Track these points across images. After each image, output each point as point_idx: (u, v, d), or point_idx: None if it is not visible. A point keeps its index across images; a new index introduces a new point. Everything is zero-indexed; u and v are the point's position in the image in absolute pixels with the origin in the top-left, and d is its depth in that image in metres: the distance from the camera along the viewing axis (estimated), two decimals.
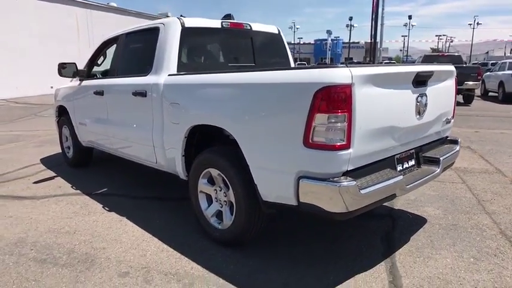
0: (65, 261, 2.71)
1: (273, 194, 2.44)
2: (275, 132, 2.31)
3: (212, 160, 2.82)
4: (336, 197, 2.12)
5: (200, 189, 3.01)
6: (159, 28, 3.44)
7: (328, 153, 2.11)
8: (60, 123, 5.45)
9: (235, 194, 2.64)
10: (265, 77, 2.38)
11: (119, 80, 3.87)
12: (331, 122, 2.07)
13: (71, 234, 3.18)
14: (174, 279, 2.46)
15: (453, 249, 2.81)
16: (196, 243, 2.94)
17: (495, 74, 14.85)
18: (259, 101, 2.38)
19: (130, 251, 2.86)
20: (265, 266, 2.60)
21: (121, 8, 22.95)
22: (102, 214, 3.59)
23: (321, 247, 2.89)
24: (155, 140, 3.36)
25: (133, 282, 2.44)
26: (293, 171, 2.24)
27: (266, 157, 2.39)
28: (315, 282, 2.40)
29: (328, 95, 2.05)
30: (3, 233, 3.22)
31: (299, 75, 2.22)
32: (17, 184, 4.60)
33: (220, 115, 2.63)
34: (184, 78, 3.08)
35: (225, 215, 2.84)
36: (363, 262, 2.65)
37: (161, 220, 3.42)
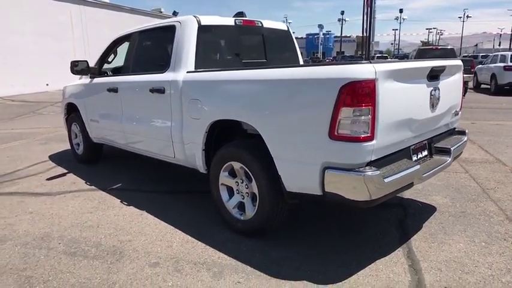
0: (94, 254, 2.81)
1: (297, 185, 2.56)
2: (300, 126, 2.43)
3: (235, 154, 2.93)
4: (361, 186, 2.25)
5: (221, 181, 3.11)
6: (175, 26, 3.52)
7: (353, 145, 2.24)
8: (70, 120, 5.50)
9: (259, 185, 2.76)
10: (292, 73, 2.48)
11: (134, 77, 3.95)
12: (356, 115, 2.19)
13: (95, 228, 3.27)
14: (204, 268, 2.57)
15: (464, 234, 2.96)
16: (218, 234, 3.05)
17: (487, 66, 15.11)
18: (285, 96, 2.49)
19: (156, 242, 2.96)
20: (290, 254, 2.72)
21: (114, 4, 22.78)
22: (122, 208, 3.68)
23: (339, 235, 3.02)
24: (174, 135, 3.46)
25: (164, 271, 2.55)
26: (318, 162, 2.36)
27: (291, 149, 2.51)
28: (340, 269, 2.52)
29: (353, 89, 2.16)
30: (28, 228, 3.30)
31: (325, 71, 2.33)
32: (31, 181, 4.66)
33: (245, 110, 2.74)
34: (206, 75, 3.17)
35: (247, 206, 2.95)
36: (382, 248, 2.79)
37: (179, 213, 3.52)
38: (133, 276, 2.50)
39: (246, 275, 2.47)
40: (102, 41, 22.95)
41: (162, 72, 3.53)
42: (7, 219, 3.51)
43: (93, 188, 4.34)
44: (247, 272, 2.51)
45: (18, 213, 3.64)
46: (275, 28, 4.17)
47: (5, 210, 3.73)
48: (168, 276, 2.49)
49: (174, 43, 3.48)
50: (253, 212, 2.88)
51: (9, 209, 3.75)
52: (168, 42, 3.63)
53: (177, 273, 2.53)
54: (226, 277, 2.46)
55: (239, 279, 2.43)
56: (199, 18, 3.48)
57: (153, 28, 3.93)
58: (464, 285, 2.32)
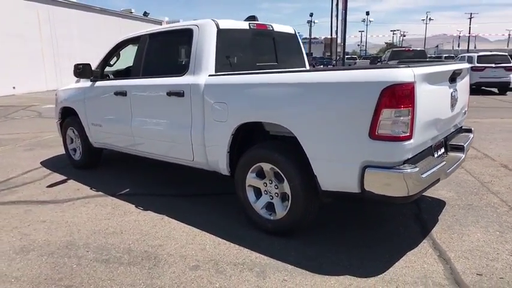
0: (128, 260, 2.78)
1: (334, 184, 2.66)
2: (339, 127, 2.53)
3: (265, 155, 2.99)
4: (400, 182, 2.38)
5: (249, 183, 3.16)
6: (192, 30, 3.53)
7: (394, 144, 2.37)
8: (65, 125, 5.33)
9: (292, 185, 2.83)
10: (332, 76, 2.59)
11: (147, 80, 3.91)
12: (397, 116, 2.32)
13: (119, 234, 3.22)
14: (246, 269, 2.62)
15: (478, 225, 3.18)
16: (247, 235, 3.10)
17: None
18: (325, 98, 2.58)
19: (188, 246, 2.97)
20: (323, 251, 2.82)
21: (83, 4, 22.05)
22: (139, 214, 3.64)
23: (362, 231, 3.15)
24: (194, 138, 3.47)
25: (207, 274, 2.57)
26: (358, 161, 2.47)
27: (329, 150, 2.61)
28: (375, 262, 2.64)
29: (394, 92, 2.29)
30: (47, 237, 3.20)
31: (366, 74, 2.44)
32: (30, 189, 4.49)
33: (279, 112, 2.80)
34: (234, 78, 3.20)
35: (277, 206, 3.02)
36: (407, 241, 2.94)
37: (201, 216, 3.52)
38: (178, 279, 2.51)
39: (289, 273, 2.54)
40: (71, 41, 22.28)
41: (181, 76, 3.53)
42: (20, 229, 3.38)
43: (101, 193, 4.24)
44: (289, 270, 2.58)
45: (29, 222, 3.52)
46: (284, 31, 4.26)
47: (14, 219, 3.59)
48: (213, 278, 2.52)
49: (192, 46, 3.49)
50: (284, 211, 2.95)
51: (19, 218, 3.61)
52: (184, 46, 3.63)
53: (220, 274, 2.56)
54: (270, 276, 2.52)
55: (284, 278, 2.49)
56: (217, 22, 3.51)
57: (166, 31, 3.92)
58: (493, 271, 2.50)
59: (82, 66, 4.48)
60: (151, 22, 30.03)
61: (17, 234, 3.28)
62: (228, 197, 4.05)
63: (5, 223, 3.52)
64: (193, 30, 3.53)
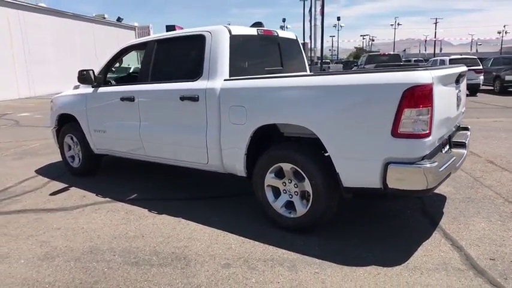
0: (158, 262, 2.83)
1: (356, 180, 2.82)
2: (363, 126, 2.70)
3: (286, 155, 3.12)
4: (421, 176, 2.57)
5: (267, 183, 3.28)
6: (204, 36, 3.62)
7: (415, 141, 2.56)
8: (63, 132, 5.25)
9: (314, 183, 2.97)
10: (355, 79, 2.75)
11: (157, 85, 3.95)
12: (418, 115, 2.52)
13: (140, 237, 3.25)
14: (276, 264, 2.73)
15: (480, 216, 3.43)
16: (268, 233, 3.20)
17: None
18: (348, 100, 2.75)
19: (214, 246, 3.05)
20: (343, 245, 2.96)
21: (56, 10, 21.50)
22: (155, 217, 3.67)
23: (376, 226, 3.33)
24: (210, 141, 3.55)
25: (240, 271, 2.66)
26: (380, 158, 2.65)
27: (352, 148, 2.77)
28: (396, 253, 2.82)
29: (415, 93, 2.49)
30: (67, 243, 3.19)
31: (388, 77, 2.63)
32: (33, 198, 4.41)
33: (302, 115, 2.94)
34: (253, 82, 3.32)
35: (297, 204, 3.15)
36: (420, 233, 3.14)
37: (217, 217, 3.60)
38: (213, 277, 2.59)
39: (318, 266, 2.68)
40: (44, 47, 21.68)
41: (194, 80, 3.61)
42: (36, 236, 3.35)
43: (109, 200, 4.23)
44: (318, 264, 2.71)
45: (44, 230, 3.48)
46: (287, 37, 4.42)
47: (27, 228, 3.54)
48: (247, 274, 2.61)
49: (205, 52, 3.58)
50: (305, 209, 3.09)
51: (31, 227, 3.56)
52: (196, 51, 3.72)
53: (253, 270, 2.66)
54: (301, 270, 2.64)
55: (315, 270, 2.62)
56: (229, 28, 3.62)
57: (175, 37, 3.98)
58: (503, 255, 2.73)
59: (86, 72, 4.46)
60: (124, 28, 29.65)
61: (35, 242, 3.25)
62: (240, 198, 4.18)
63: (19, 232, 3.46)
64: (206, 36, 3.62)
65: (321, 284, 2.46)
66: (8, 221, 3.75)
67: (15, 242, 3.27)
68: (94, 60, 24.10)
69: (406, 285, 2.42)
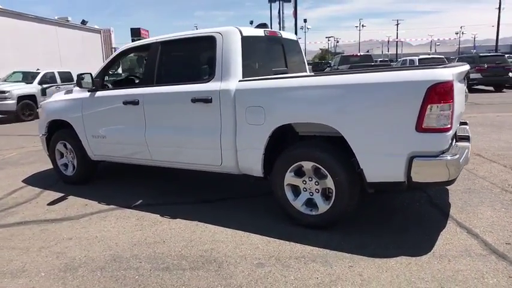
0: (189, 266, 2.79)
1: (380, 175, 2.92)
2: (387, 123, 2.80)
3: (307, 153, 3.17)
4: (444, 169, 2.71)
5: (287, 182, 3.32)
6: (215, 37, 3.61)
7: (439, 135, 2.69)
8: (54, 139, 5.03)
9: (337, 180, 3.04)
10: (379, 77, 2.85)
11: (165, 88, 3.88)
12: (441, 110, 2.65)
13: (162, 243, 3.19)
14: (309, 261, 2.77)
15: (485, 205, 3.64)
16: (291, 231, 3.23)
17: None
18: (372, 97, 2.83)
19: (241, 247, 3.04)
20: (367, 240, 3.04)
21: (16, 12, 20.37)
22: (170, 222, 3.61)
23: (391, 219, 3.45)
24: (224, 142, 3.54)
25: (276, 269, 2.68)
26: (405, 153, 2.76)
27: (376, 144, 2.86)
28: (421, 243, 2.94)
29: (438, 89, 2.62)
30: (85, 253, 3.08)
31: (412, 74, 2.74)
32: (30, 209, 4.20)
33: (325, 113, 3.00)
34: (271, 83, 3.34)
35: (318, 201, 3.21)
36: (434, 223, 3.30)
37: (234, 219, 3.58)
38: (251, 277, 2.59)
39: (350, 260, 2.75)
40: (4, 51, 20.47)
41: (206, 82, 3.60)
42: (49, 248, 3.20)
43: (114, 207, 4.11)
44: (349, 258, 2.78)
45: (54, 241, 3.34)
46: (289, 38, 4.49)
47: (35, 240, 3.38)
48: (283, 272, 2.64)
49: (216, 53, 3.57)
50: (327, 205, 3.15)
51: (40, 238, 3.40)
52: (206, 53, 3.71)
53: (288, 268, 2.68)
54: (335, 264, 2.70)
55: (349, 264, 2.69)
56: (240, 29, 3.63)
57: (182, 39, 3.93)
58: None
59: (84, 76, 4.31)
60: (90, 31, 28.70)
61: (49, 253, 3.11)
62: (251, 199, 4.19)
63: (27, 244, 3.30)
64: (216, 38, 3.61)
65: (359, 277, 2.53)
66: (11, 233, 3.56)
67: (27, 254, 3.11)
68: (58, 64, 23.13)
69: (439, 272, 2.53)
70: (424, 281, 2.45)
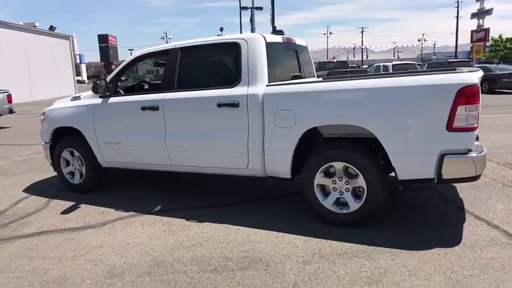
0: (237, 266, 2.84)
1: (411, 173, 3.11)
2: (419, 123, 2.99)
3: (339, 154, 3.31)
4: (471, 165, 2.93)
5: (317, 182, 3.44)
6: (239, 43, 3.70)
7: (467, 134, 2.91)
8: (60, 147, 4.90)
9: (369, 179, 3.20)
10: (411, 80, 3.03)
11: (188, 93, 3.91)
12: (470, 111, 2.87)
13: (199, 246, 3.21)
14: (352, 256, 2.89)
15: (493, 199, 3.92)
16: (323, 230, 3.34)
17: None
18: (405, 99, 3.01)
19: (280, 246, 3.12)
20: (400, 234, 3.20)
21: None
22: (200, 226, 3.63)
23: (414, 214, 3.65)
24: (251, 145, 3.62)
25: (323, 265, 2.78)
26: (436, 151, 2.96)
27: (408, 144, 3.04)
28: (448, 235, 3.15)
29: (468, 92, 2.84)
30: (124, 260, 3.05)
31: (443, 78, 2.95)
32: (43, 219, 4.08)
33: (359, 116, 3.15)
34: (302, 87, 3.46)
35: (349, 200, 3.35)
36: (454, 217, 3.52)
37: (263, 220, 3.65)
38: (302, 274, 2.68)
39: (391, 254, 2.90)
40: None
41: (232, 87, 3.67)
42: (82, 256, 3.14)
43: (134, 213, 4.07)
44: (388, 251, 2.93)
45: (85, 249, 3.28)
46: (301, 45, 4.64)
47: (63, 249, 3.30)
48: (331, 267, 2.74)
49: (241, 59, 3.65)
50: (358, 204, 3.30)
51: (68, 247, 3.33)
52: (231, 59, 3.79)
53: (335, 264, 2.80)
54: (378, 258, 2.84)
55: (391, 257, 2.84)
56: (264, 35, 3.74)
57: (203, 45, 3.98)
58: None
59: (100, 81, 4.26)
60: (58, 37, 27.78)
61: (86, 261, 3.05)
62: (273, 201, 4.29)
63: (57, 253, 3.22)
64: (240, 44, 3.70)
65: (404, 268, 2.68)
66: (35, 243, 3.45)
67: (62, 263, 3.04)
68: (26, 71, 22.26)
69: (476, 260, 2.73)
70: (465, 269, 2.63)
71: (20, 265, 3.06)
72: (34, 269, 2.97)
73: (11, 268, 3.02)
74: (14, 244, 3.47)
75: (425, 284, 2.48)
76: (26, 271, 2.96)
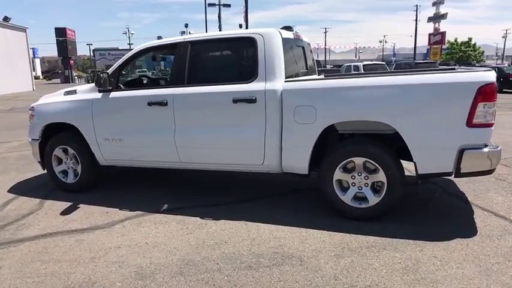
0: (270, 263, 2.82)
1: (431, 167, 3.23)
2: (440, 119, 3.11)
3: (361, 150, 3.37)
4: (486, 159, 3.09)
5: (336, 178, 3.48)
6: (255, 38, 3.66)
7: (486, 130, 3.07)
8: (51, 144, 4.61)
9: (390, 173, 3.28)
10: (434, 78, 3.14)
11: (199, 88, 3.81)
12: (488, 108, 3.02)
13: (224, 244, 3.15)
14: (380, 248, 2.96)
15: (492, 192, 4.16)
16: (343, 224, 3.38)
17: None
18: (427, 96, 3.12)
19: (307, 241, 3.13)
20: (419, 228, 3.30)
21: None
22: (217, 224, 3.55)
23: (425, 208, 3.79)
24: (269, 141, 3.60)
25: (356, 258, 2.82)
26: (456, 146, 3.10)
27: (430, 139, 3.15)
28: (464, 226, 3.30)
29: (487, 89, 2.99)
30: (150, 260, 2.93)
31: (464, 76, 3.09)
32: (43, 220, 3.83)
33: (381, 111, 3.21)
34: (326, 83, 3.48)
35: (368, 195, 3.43)
36: (462, 210, 3.70)
37: (280, 216, 3.64)
38: (339, 267, 2.71)
39: (416, 245, 2.99)
40: None
41: (248, 82, 3.62)
42: (102, 258, 2.99)
43: (141, 213, 3.91)
44: (413, 243, 3.02)
45: (102, 251, 3.11)
46: (306, 41, 4.67)
47: (76, 251, 3.12)
48: (364, 260, 2.79)
49: (258, 54, 3.62)
50: (378, 198, 3.38)
51: (82, 249, 3.15)
52: (245, 53, 3.75)
53: (366, 256, 2.85)
54: (406, 250, 2.92)
55: (418, 249, 2.93)
56: (280, 31, 3.73)
57: (216, 39, 3.91)
58: None
59: (102, 75, 4.06)
60: (13, 28, 26.10)
61: (108, 263, 2.90)
62: (280, 197, 4.28)
63: (73, 256, 3.04)
64: (256, 39, 3.66)
65: (434, 259, 2.78)
66: (43, 246, 3.24)
67: (83, 266, 2.87)
68: None
69: (497, 249, 2.89)
70: (490, 257, 2.78)
71: (35, 269, 2.85)
72: (53, 273, 2.79)
73: (25, 273, 2.81)
74: (20, 248, 3.23)
75: (459, 273, 2.59)
76: (44, 275, 2.76)
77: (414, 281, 2.51)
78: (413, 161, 3.24)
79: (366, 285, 2.49)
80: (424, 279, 2.53)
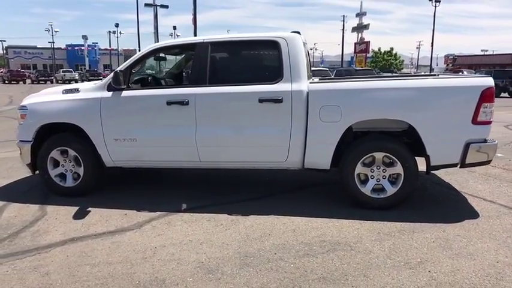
0: (324, 250, 3.03)
1: (441, 159, 3.71)
2: (451, 117, 3.61)
3: (382, 145, 3.74)
4: (487, 152, 3.65)
5: (357, 171, 3.81)
6: (278, 42, 3.86)
7: (486, 127, 3.63)
8: (48, 146, 4.31)
9: (407, 166, 3.69)
10: (446, 82, 3.62)
11: (225, 88, 3.89)
12: (489, 108, 3.58)
13: (269, 236, 3.29)
14: (409, 231, 3.32)
15: (479, 182, 4.78)
16: (365, 213, 3.70)
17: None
18: (440, 98, 3.59)
19: (344, 229, 3.39)
20: (428, 215, 3.72)
21: None
22: (248, 220, 3.65)
23: (427, 197, 4.26)
24: (294, 139, 3.82)
25: (396, 240, 3.15)
26: (463, 141, 3.61)
27: (442, 134, 3.62)
28: (469, 213, 3.78)
29: (488, 92, 3.54)
30: (206, 256, 2.97)
31: (469, 80, 3.63)
32: (59, 225, 3.60)
33: (401, 111, 3.62)
34: (352, 84, 3.78)
35: (386, 186, 3.81)
36: (457, 197, 4.26)
37: (303, 209, 3.84)
38: (386, 248, 3.01)
39: (438, 227, 3.41)
40: None
41: (274, 83, 3.81)
42: (153, 258, 2.95)
43: (165, 213, 3.85)
44: (432, 226, 3.43)
45: (149, 250, 3.07)
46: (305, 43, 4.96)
47: (132, 253, 3.04)
48: (404, 241, 3.13)
49: (282, 57, 3.83)
50: (395, 189, 3.77)
51: (126, 251, 3.07)
52: (269, 56, 3.94)
53: (402, 238, 3.19)
54: (431, 231, 3.33)
55: (441, 230, 3.35)
56: (300, 35, 3.98)
57: (238, 41, 4.02)
58: None
59: (118, 73, 3.93)
60: None
61: (163, 262, 2.88)
62: (299, 191, 4.52)
63: (121, 258, 2.95)
64: (279, 42, 3.87)
65: (458, 237, 3.22)
66: (81, 250, 3.09)
67: (140, 266, 2.82)
68: None
69: (503, 226, 3.43)
70: (500, 232, 3.30)
71: (89, 273, 2.73)
72: (111, 275, 2.70)
73: (80, 277, 2.68)
74: (53, 253, 3.04)
75: (485, 246, 3.05)
76: (103, 277, 2.67)
77: (455, 255, 2.91)
78: (427, 154, 3.69)
79: (418, 262, 2.82)
80: (461, 253, 2.93)
